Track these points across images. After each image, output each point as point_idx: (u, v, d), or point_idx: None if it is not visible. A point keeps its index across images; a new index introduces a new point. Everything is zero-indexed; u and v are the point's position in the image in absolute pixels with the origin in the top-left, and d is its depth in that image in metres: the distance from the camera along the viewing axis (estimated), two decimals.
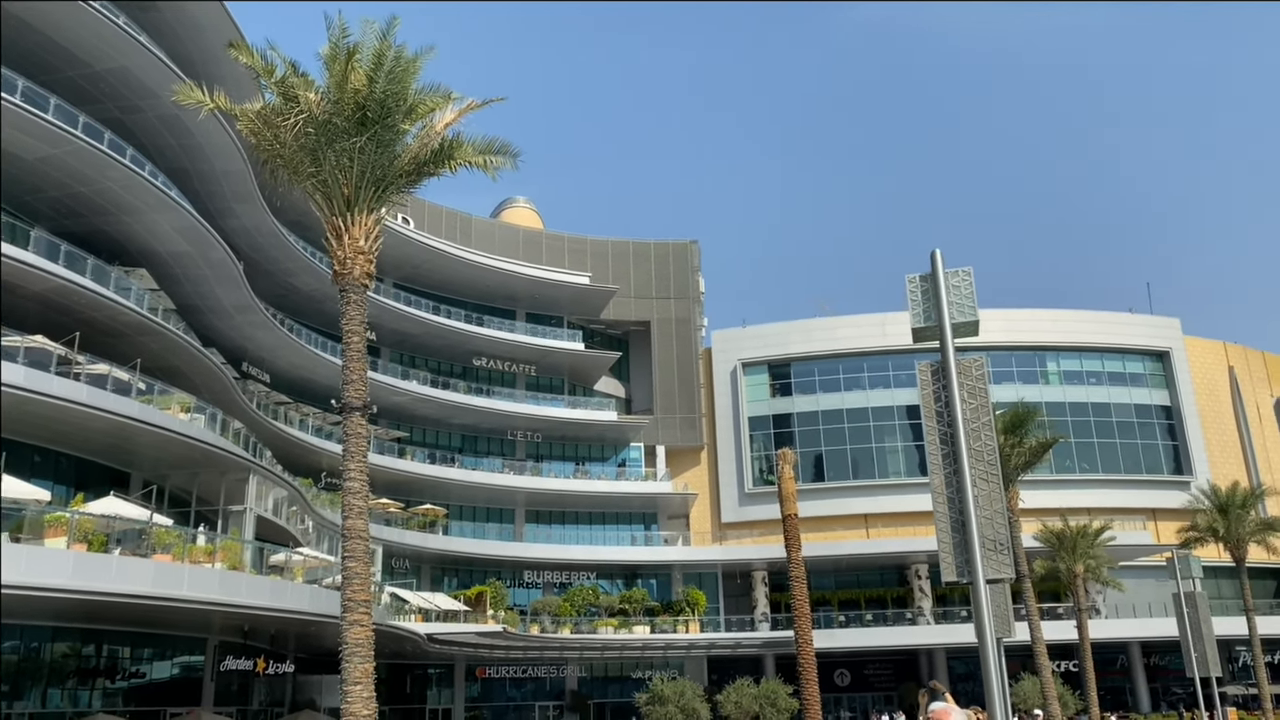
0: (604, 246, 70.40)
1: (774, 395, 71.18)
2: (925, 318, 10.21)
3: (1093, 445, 69.12)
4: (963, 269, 10.12)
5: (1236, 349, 79.08)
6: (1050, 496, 59.93)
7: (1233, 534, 51.51)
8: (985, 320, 49.23)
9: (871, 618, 61.37)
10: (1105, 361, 71.86)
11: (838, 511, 65.79)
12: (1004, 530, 9.29)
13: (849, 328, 70.38)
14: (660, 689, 41.47)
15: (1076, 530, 47.71)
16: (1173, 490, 66.85)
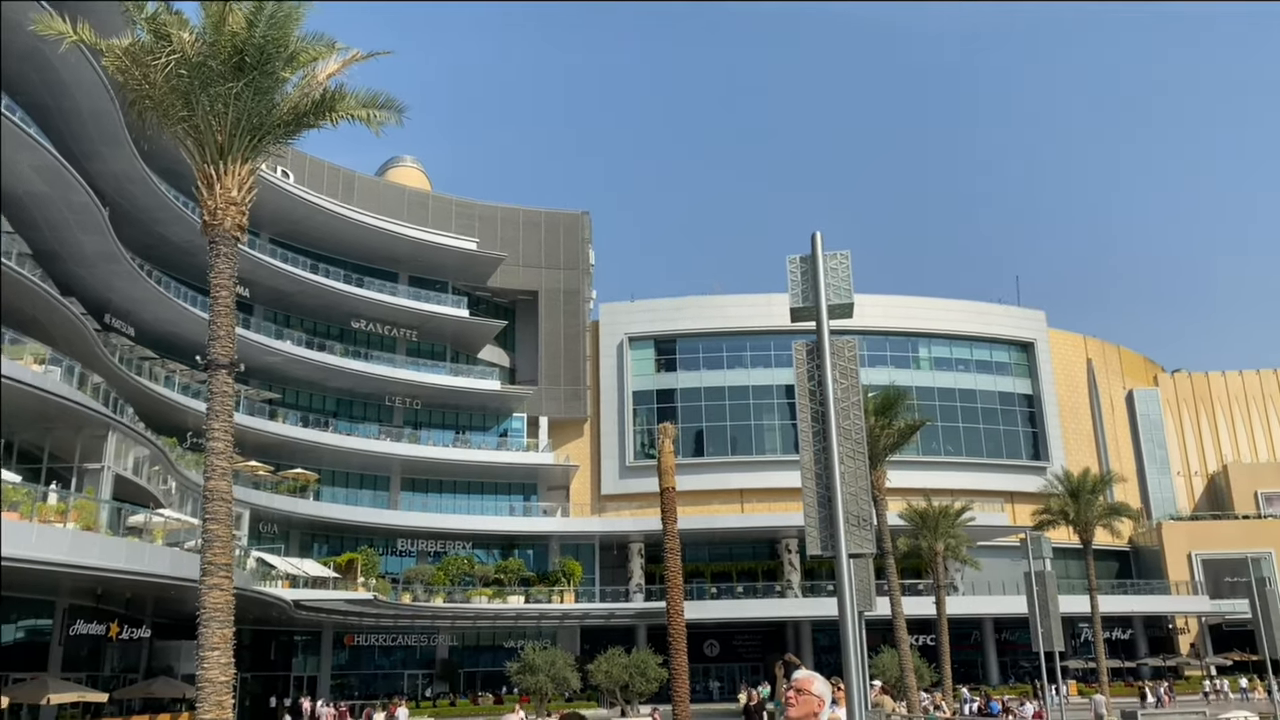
0: (493, 212, 69.42)
1: (659, 370, 71.76)
2: (803, 298, 10.35)
3: (958, 429, 72.07)
4: (841, 252, 10.29)
5: (1095, 343, 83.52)
6: (916, 477, 62.27)
7: (1082, 518, 54.58)
8: (865, 305, 50.77)
9: (742, 590, 62.81)
10: (974, 350, 74.89)
11: (715, 486, 66.94)
12: (868, 507, 9.55)
13: (737, 306, 71.38)
14: (532, 658, 41.54)
15: (939, 510, 49.73)
16: (1030, 475, 70.37)
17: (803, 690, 5.15)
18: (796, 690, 5.16)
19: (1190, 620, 70.99)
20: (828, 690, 5.30)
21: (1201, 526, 75.21)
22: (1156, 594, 69.42)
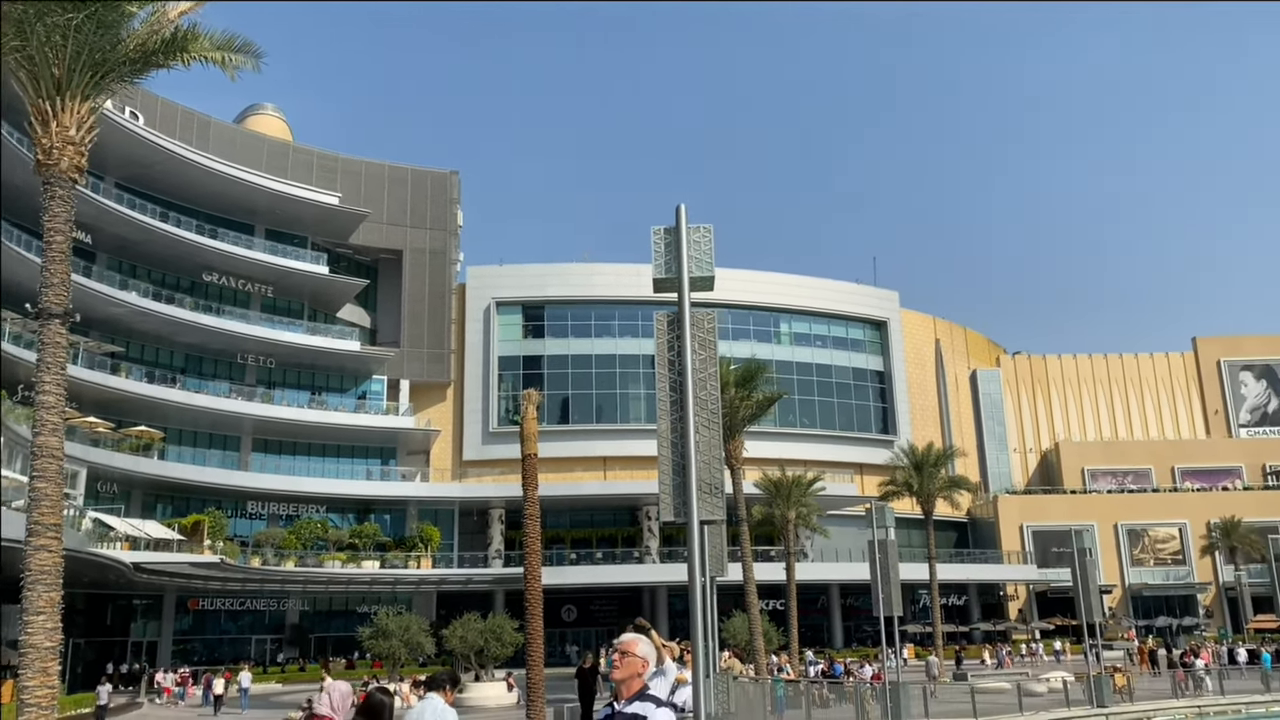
0: (358, 167, 67.30)
1: (526, 336, 71.35)
2: (666, 269, 10.48)
3: (814, 403, 74.43)
4: (704, 226, 10.44)
5: (944, 324, 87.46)
6: (773, 448, 64.05)
7: (924, 489, 57.32)
8: (730, 280, 51.77)
9: (602, 556, 63.48)
10: (831, 327, 77.33)
11: (579, 453, 67.22)
12: (720, 475, 9.80)
13: (607, 275, 71.48)
14: (385, 623, 41.00)
15: (792, 480, 51.33)
16: (879, 448, 73.36)
17: (626, 652, 5.22)
18: (620, 653, 5.24)
19: (1019, 587, 75.69)
20: (652, 652, 5.39)
21: (1033, 500, 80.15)
22: (990, 563, 73.72)
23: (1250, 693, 38.25)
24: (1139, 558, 77.92)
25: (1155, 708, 34.92)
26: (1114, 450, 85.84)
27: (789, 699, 28.59)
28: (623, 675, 5.20)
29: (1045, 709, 33.23)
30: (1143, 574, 77.38)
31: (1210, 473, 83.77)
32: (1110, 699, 33.76)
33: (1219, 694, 37.45)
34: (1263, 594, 65.63)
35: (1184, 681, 38.37)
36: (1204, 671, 39.78)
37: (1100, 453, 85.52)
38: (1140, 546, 78.14)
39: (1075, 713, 32.83)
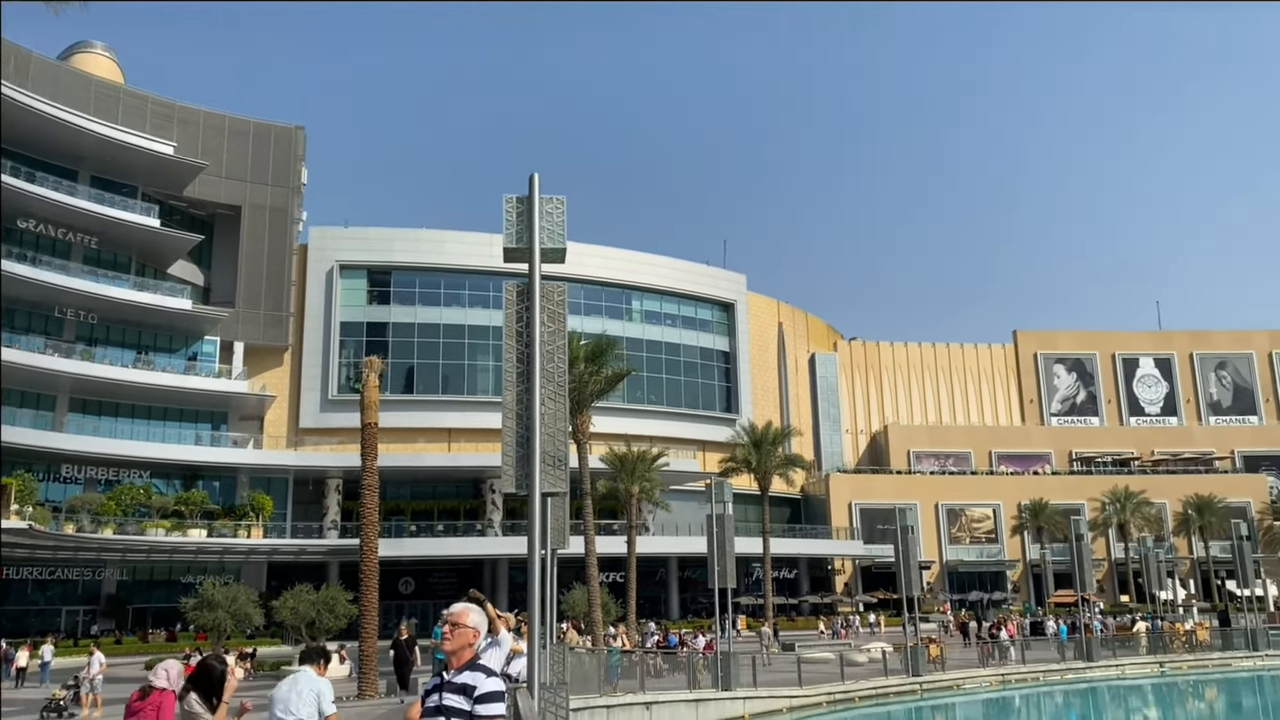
0: (195, 116, 63.66)
1: (371, 302, 69.42)
2: (517, 239, 10.42)
3: (661, 380, 75.55)
4: (557, 197, 10.42)
5: (787, 308, 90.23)
6: (620, 423, 64.72)
7: (762, 466, 59.17)
8: (584, 255, 51.79)
9: (443, 528, 62.75)
10: (681, 306, 78.58)
11: (423, 424, 66.08)
12: (564, 448, 9.85)
13: (458, 243, 70.22)
14: (211, 594, 39.29)
15: (637, 455, 52.05)
16: (721, 426, 75.22)
17: (458, 624, 5.22)
18: (451, 624, 5.23)
19: (846, 562, 79.25)
20: (484, 622, 5.42)
21: (862, 479, 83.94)
22: (821, 538, 76.90)
23: (1048, 661, 41.44)
24: (956, 536, 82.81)
25: (964, 676, 37.35)
26: (938, 434, 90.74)
27: (624, 669, 29.10)
28: (454, 646, 5.19)
29: (865, 677, 35.05)
30: (959, 551, 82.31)
31: (1023, 457, 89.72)
32: (925, 668, 35.88)
33: (1021, 663, 40.39)
34: (1063, 571, 70.88)
35: (990, 652, 41.20)
36: (1009, 643, 42.78)
37: (925, 436, 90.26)
38: (958, 525, 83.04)
39: (892, 681, 34.77)
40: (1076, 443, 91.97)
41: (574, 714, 19.94)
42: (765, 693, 30.56)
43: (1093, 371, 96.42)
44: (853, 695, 32.96)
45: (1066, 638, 44.86)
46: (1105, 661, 41.78)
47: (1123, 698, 38.78)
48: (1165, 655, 44.43)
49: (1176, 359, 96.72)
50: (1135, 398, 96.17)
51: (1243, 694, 40.22)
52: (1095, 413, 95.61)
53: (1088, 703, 37.34)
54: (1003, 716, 34.75)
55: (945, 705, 34.89)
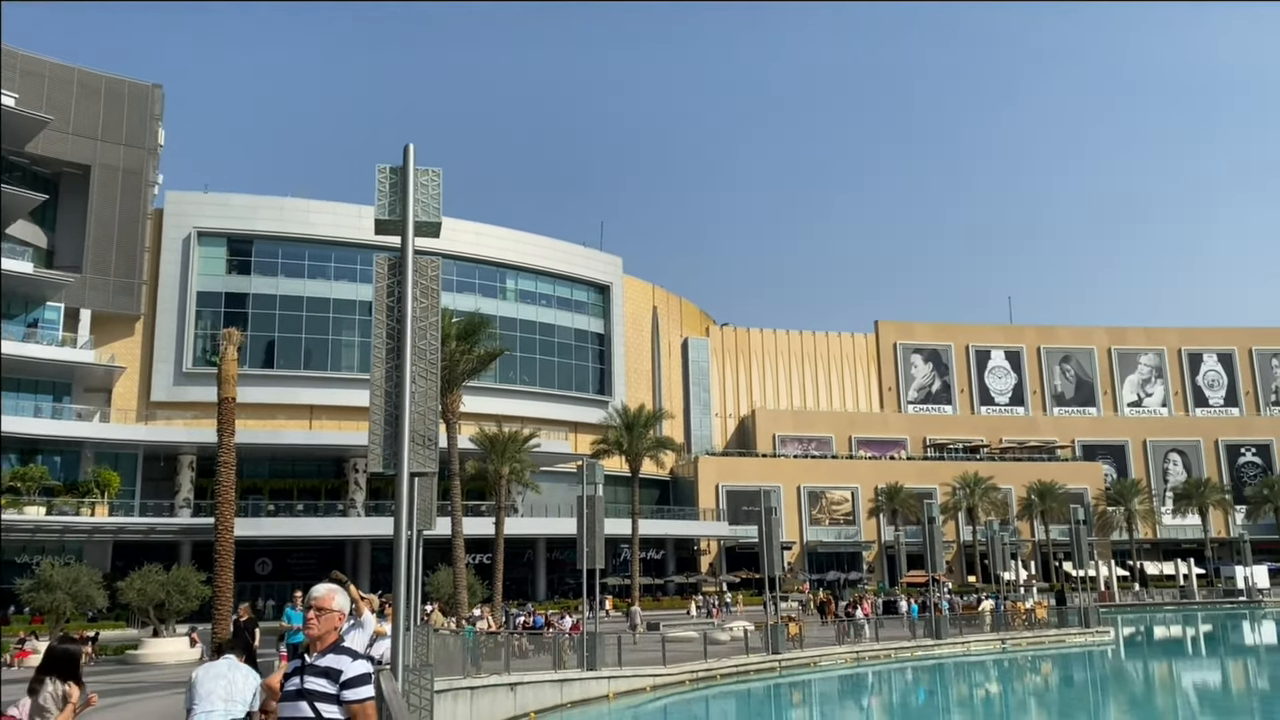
0: (41, 66, 59.50)
1: (230, 272, 66.52)
2: (390, 210, 10.09)
3: (535, 361, 75.10)
4: (433, 169, 10.13)
5: (662, 292, 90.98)
6: (492, 403, 64.06)
7: (633, 449, 59.57)
8: (459, 231, 50.90)
9: (303, 508, 60.93)
10: (557, 287, 78.21)
11: (284, 400, 63.88)
12: (434, 427, 9.63)
13: (325, 214, 67.89)
14: (50, 574, 37.10)
15: (508, 436, 51.63)
16: (594, 408, 75.36)
17: (323, 608, 5.12)
18: (317, 609, 5.11)
19: (712, 543, 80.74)
20: (348, 604, 5.30)
21: (729, 462, 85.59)
22: (688, 519, 78.10)
23: (900, 639, 43.23)
24: (817, 517, 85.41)
25: (822, 653, 38.60)
26: (803, 419, 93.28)
27: (489, 651, 28.89)
28: (320, 631, 5.09)
29: (727, 655, 35.82)
30: (819, 532, 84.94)
31: (881, 443, 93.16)
32: (784, 646, 36.90)
33: (875, 641, 42.00)
34: (916, 552, 73.98)
35: (846, 630, 42.70)
36: (864, 621, 44.41)
37: (791, 420, 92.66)
38: (819, 507, 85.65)
39: (753, 659, 35.63)
40: (931, 429, 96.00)
41: (438, 696, 19.65)
42: (630, 672, 30.85)
43: (948, 362, 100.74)
44: (715, 673, 33.62)
45: (918, 616, 46.87)
46: (952, 639, 43.87)
47: (968, 673, 40.81)
48: (1007, 632, 46.95)
49: (1025, 352, 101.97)
50: (986, 388, 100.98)
51: (1074, 668, 42.88)
52: (949, 401, 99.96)
53: (935, 679, 39.13)
54: (856, 693, 36.07)
55: (803, 682, 35.99)
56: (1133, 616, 69.09)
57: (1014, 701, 35.21)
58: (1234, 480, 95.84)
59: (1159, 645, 57.17)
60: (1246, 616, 69.84)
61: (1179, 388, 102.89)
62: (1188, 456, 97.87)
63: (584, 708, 28.39)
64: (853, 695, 35.80)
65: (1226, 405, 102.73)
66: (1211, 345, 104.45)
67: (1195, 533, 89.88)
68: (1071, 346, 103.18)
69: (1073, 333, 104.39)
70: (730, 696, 32.74)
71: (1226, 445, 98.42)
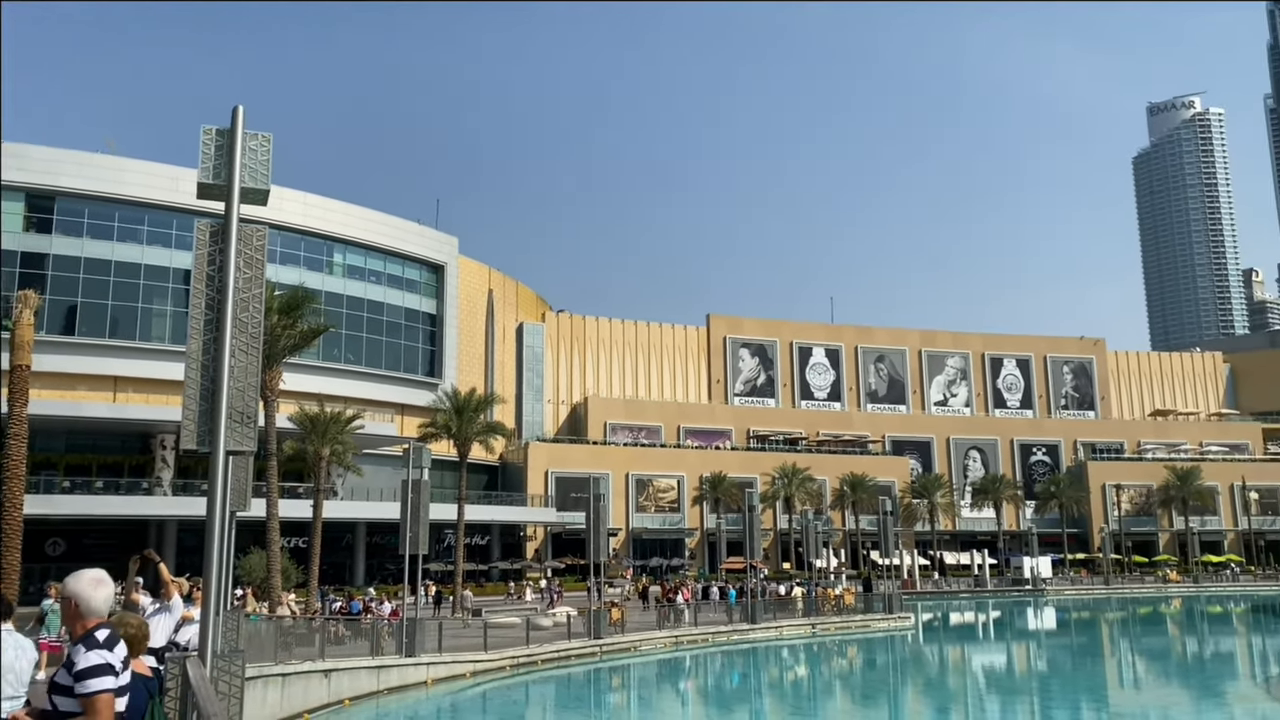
0: None
1: (28, 229, 61.45)
2: (215, 174, 9.57)
3: (361, 339, 72.94)
4: (263, 134, 9.68)
5: (498, 275, 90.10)
6: (314, 381, 61.76)
7: (463, 433, 58.74)
8: (285, 200, 48.75)
9: (102, 485, 57.10)
10: (388, 264, 76.14)
11: (85, 370, 59.63)
12: (254, 404, 9.22)
13: (140, 174, 63.58)
14: None
15: (330, 416, 49.95)
16: (423, 390, 73.86)
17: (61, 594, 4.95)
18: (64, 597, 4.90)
19: (539, 529, 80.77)
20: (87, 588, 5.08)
21: (560, 448, 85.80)
22: (516, 505, 77.80)
23: (718, 624, 44.57)
24: (643, 505, 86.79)
25: (642, 638, 39.33)
26: (633, 407, 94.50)
27: (302, 636, 27.98)
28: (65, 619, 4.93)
29: (550, 641, 35.99)
30: (644, 519, 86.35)
31: (708, 433, 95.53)
32: (606, 631, 37.39)
33: (693, 625, 43.12)
34: (736, 539, 76.27)
35: (667, 615, 43.64)
36: (684, 606, 45.50)
37: (622, 409, 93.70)
38: (645, 494, 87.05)
39: (575, 644, 35.93)
40: (755, 421, 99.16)
41: (249, 683, 18.88)
42: (450, 658, 30.55)
43: (773, 357, 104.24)
44: (536, 658, 33.72)
45: (735, 602, 48.41)
46: (766, 624, 45.58)
47: (779, 656, 42.48)
48: (817, 618, 49.15)
49: (844, 350, 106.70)
50: (807, 383, 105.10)
51: (877, 652, 45.35)
52: (773, 395, 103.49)
53: (749, 661, 40.56)
54: (673, 676, 36.95)
55: (622, 666, 36.58)
56: (931, 603, 73.63)
57: (820, 683, 36.94)
58: (1025, 477, 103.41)
59: (954, 630, 61.14)
60: (1031, 604, 75.66)
61: (981, 390, 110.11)
62: (986, 454, 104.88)
63: (401, 695, 27.92)
64: (669, 678, 36.65)
65: (1022, 408, 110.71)
66: (1011, 351, 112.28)
67: (990, 525, 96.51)
68: (886, 347, 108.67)
69: (888, 334, 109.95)
70: (550, 681, 32.91)
71: (1020, 444, 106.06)
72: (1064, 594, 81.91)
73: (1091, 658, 45.89)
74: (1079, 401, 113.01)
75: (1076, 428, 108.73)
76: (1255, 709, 30.07)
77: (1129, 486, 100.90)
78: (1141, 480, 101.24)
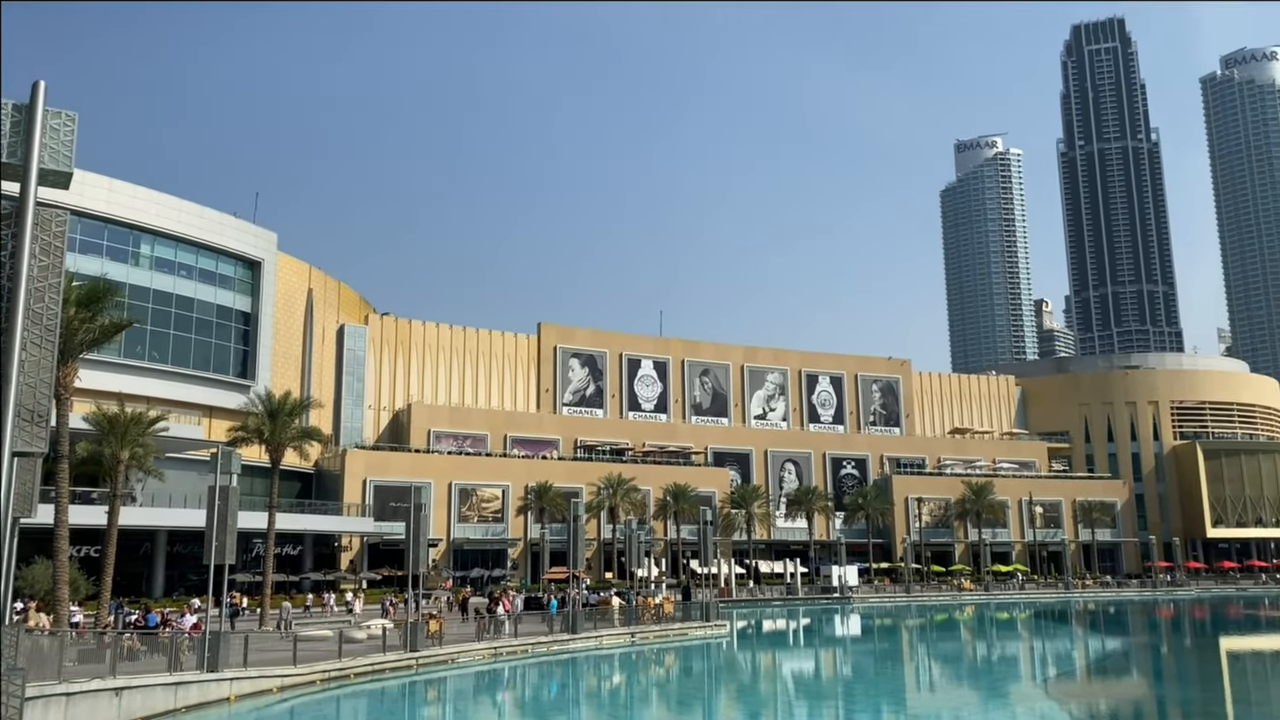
0: None
1: None
2: (10, 153, 8.84)
3: (168, 336, 68.85)
4: (68, 112, 9.02)
5: (319, 274, 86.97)
6: (115, 380, 57.85)
7: (276, 438, 56.29)
8: (88, 185, 45.86)
9: None
10: (200, 257, 72.22)
11: None
12: (46, 402, 8.57)
13: None
14: None
15: (131, 417, 46.83)
16: (234, 392, 70.33)
17: None
18: None
19: (355, 539, 78.24)
20: None
21: (380, 455, 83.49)
22: (332, 514, 75.08)
23: (538, 634, 44.41)
24: (466, 514, 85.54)
25: (461, 650, 38.73)
26: (459, 415, 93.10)
27: (89, 653, 26.08)
28: None
29: (364, 654, 34.93)
30: (467, 529, 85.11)
31: (535, 442, 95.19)
32: (424, 644, 36.63)
33: (514, 636, 42.80)
34: (560, 549, 76.32)
35: (487, 626, 43.14)
36: (504, 617, 45.10)
37: (447, 416, 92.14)
38: (469, 504, 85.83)
39: (390, 657, 35.03)
40: (583, 431, 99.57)
41: (28, 704, 17.45)
42: (256, 673, 29.20)
43: (603, 368, 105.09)
44: (349, 672, 32.67)
45: (556, 611, 48.37)
46: (587, 633, 45.77)
47: (597, 665, 42.73)
48: (637, 626, 49.74)
49: (671, 363, 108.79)
50: (635, 395, 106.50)
51: (693, 659, 46.33)
52: (601, 405, 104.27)
53: (568, 671, 40.60)
54: (490, 687, 36.55)
55: (439, 679, 35.90)
56: (746, 611, 75.86)
57: (637, 691, 37.39)
58: (836, 489, 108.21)
59: (766, 637, 63.19)
60: (839, 611, 79.18)
61: (798, 405, 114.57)
62: (800, 466, 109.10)
63: (200, 712, 26.46)
64: (486, 691, 36.23)
65: (835, 423, 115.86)
66: (826, 369, 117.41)
67: (803, 535, 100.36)
68: (711, 361, 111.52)
69: (714, 349, 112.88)
70: (361, 696, 31.94)
71: (832, 458, 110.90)
72: (869, 601, 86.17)
73: (891, 662, 48.42)
74: (886, 418, 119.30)
75: (883, 443, 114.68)
76: (1035, 708, 32.47)
77: (929, 500, 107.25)
78: (941, 494, 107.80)
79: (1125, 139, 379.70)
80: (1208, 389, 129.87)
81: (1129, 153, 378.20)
